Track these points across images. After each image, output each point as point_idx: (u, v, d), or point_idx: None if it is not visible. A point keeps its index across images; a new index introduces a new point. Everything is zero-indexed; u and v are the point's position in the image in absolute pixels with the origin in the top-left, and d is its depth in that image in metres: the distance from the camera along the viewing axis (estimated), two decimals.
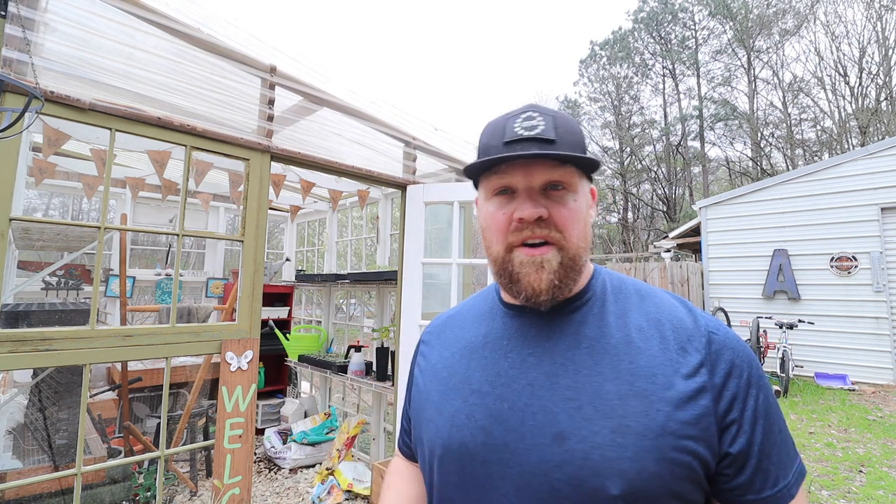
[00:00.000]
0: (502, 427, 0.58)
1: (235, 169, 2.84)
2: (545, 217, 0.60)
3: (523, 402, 0.58)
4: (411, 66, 58.62)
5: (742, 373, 0.57)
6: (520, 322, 0.66)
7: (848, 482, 3.35)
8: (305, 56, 2.18)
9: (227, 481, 1.82)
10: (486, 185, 0.65)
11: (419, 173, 2.85)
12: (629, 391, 0.55)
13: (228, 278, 5.07)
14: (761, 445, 0.55)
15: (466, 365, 0.67)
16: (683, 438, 0.53)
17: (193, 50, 1.90)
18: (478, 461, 0.59)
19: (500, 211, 0.63)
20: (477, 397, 0.62)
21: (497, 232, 0.63)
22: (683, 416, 0.53)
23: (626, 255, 14.12)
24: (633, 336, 0.59)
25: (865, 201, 6.55)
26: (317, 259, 5.44)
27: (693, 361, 0.57)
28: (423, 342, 0.79)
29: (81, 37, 1.66)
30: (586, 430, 0.54)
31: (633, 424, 0.53)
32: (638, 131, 22.72)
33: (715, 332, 0.59)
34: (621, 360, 0.58)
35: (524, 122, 0.60)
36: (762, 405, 0.56)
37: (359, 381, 3.17)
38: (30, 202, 12.56)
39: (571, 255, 0.61)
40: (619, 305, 0.64)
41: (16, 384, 2.88)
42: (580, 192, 0.63)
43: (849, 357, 6.51)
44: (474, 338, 0.69)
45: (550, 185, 0.61)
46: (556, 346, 0.61)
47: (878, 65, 16.05)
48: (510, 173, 0.61)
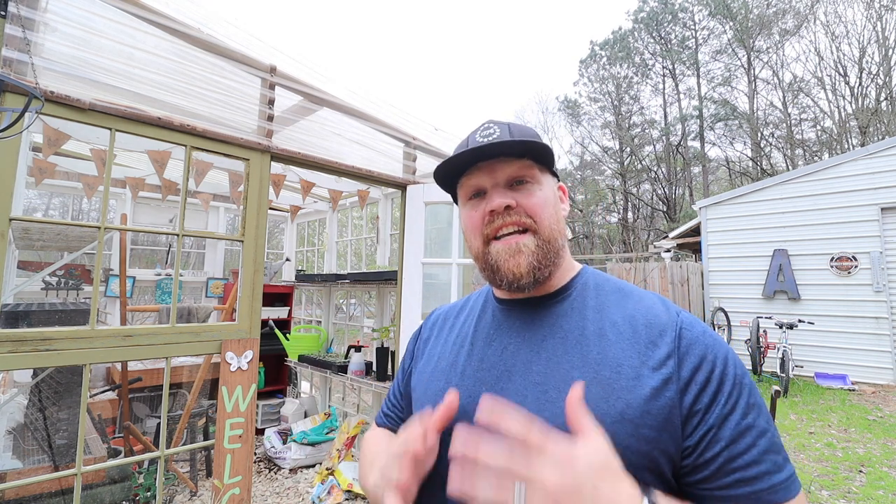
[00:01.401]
0: (477, 407, 0.61)
1: (235, 169, 2.84)
2: (513, 206, 0.65)
3: (500, 386, 0.63)
4: (411, 66, 58.67)
5: (713, 368, 0.56)
6: (507, 314, 0.71)
7: (848, 482, 3.35)
8: (306, 56, 2.19)
9: (227, 481, 1.82)
10: (461, 193, 0.72)
11: (419, 173, 2.85)
12: (593, 378, 0.58)
13: (228, 278, 5.07)
14: (730, 442, 0.53)
15: (456, 351, 0.72)
16: (642, 427, 0.54)
17: (193, 50, 1.90)
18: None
19: (474, 211, 0.69)
20: (459, 380, 0.68)
21: (474, 229, 0.69)
22: (645, 406, 0.55)
23: (626, 255, 14.12)
24: (606, 329, 0.62)
25: (865, 201, 6.55)
26: (317, 259, 5.44)
27: (661, 354, 0.58)
28: (425, 326, 0.86)
29: (81, 37, 1.66)
30: (549, 411, 0.58)
31: (592, 410, 0.55)
32: (638, 131, 22.72)
33: (688, 328, 0.60)
34: (591, 350, 0.61)
35: (482, 132, 0.68)
36: (735, 401, 0.55)
37: (359, 381, 3.17)
38: (30, 202, 12.56)
39: (546, 237, 0.66)
40: (599, 301, 0.67)
41: (16, 384, 2.88)
42: (544, 183, 0.69)
43: (849, 357, 6.51)
44: (466, 328, 0.75)
45: (515, 181, 0.67)
46: (534, 336, 0.66)
47: (878, 65, 16.06)
48: (476, 175, 0.68)
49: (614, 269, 8.35)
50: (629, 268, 8.19)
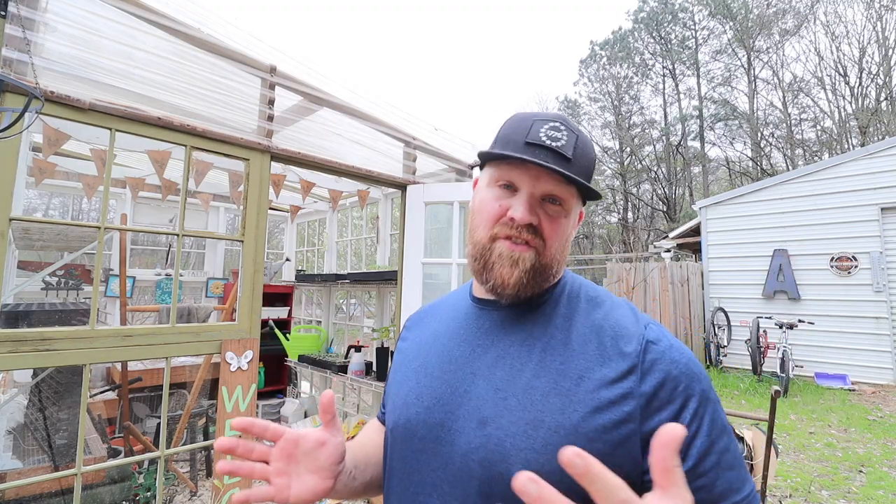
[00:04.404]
0: (442, 409, 0.63)
1: (235, 169, 2.84)
2: (535, 224, 0.63)
3: (464, 389, 0.63)
4: (411, 66, 58.67)
5: (678, 384, 0.55)
6: (480, 315, 0.71)
7: (848, 482, 3.35)
8: (306, 56, 2.19)
9: (227, 481, 1.82)
10: (492, 174, 0.67)
11: (419, 173, 2.85)
12: (553, 389, 0.58)
13: (228, 278, 5.07)
14: (694, 464, 0.52)
15: (427, 351, 0.72)
16: (595, 441, 0.53)
17: (193, 50, 1.90)
18: (418, 437, 0.64)
19: (496, 201, 0.65)
20: (428, 380, 0.68)
21: (486, 219, 0.66)
22: (600, 419, 0.54)
23: (626, 255, 14.12)
24: (572, 339, 0.62)
25: (865, 201, 6.55)
26: (317, 259, 5.44)
27: (622, 367, 0.57)
28: (406, 327, 0.85)
29: (81, 37, 1.66)
30: (506, 419, 0.58)
31: (547, 420, 0.55)
32: (638, 131, 22.72)
33: (655, 342, 0.59)
34: (554, 359, 0.60)
35: (549, 131, 0.62)
36: (700, 421, 0.54)
37: (359, 381, 3.17)
38: (30, 202, 12.56)
39: (545, 262, 0.64)
40: (570, 309, 0.66)
41: (16, 384, 2.88)
42: (572, 211, 0.66)
43: (849, 357, 6.51)
44: (441, 327, 0.75)
45: (550, 198, 0.64)
46: (502, 341, 0.65)
47: (878, 65, 16.06)
48: (519, 172, 0.63)
49: (614, 270, 8.35)
50: (629, 268, 8.18)
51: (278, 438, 0.62)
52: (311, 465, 0.62)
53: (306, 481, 0.61)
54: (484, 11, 50.20)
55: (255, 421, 0.60)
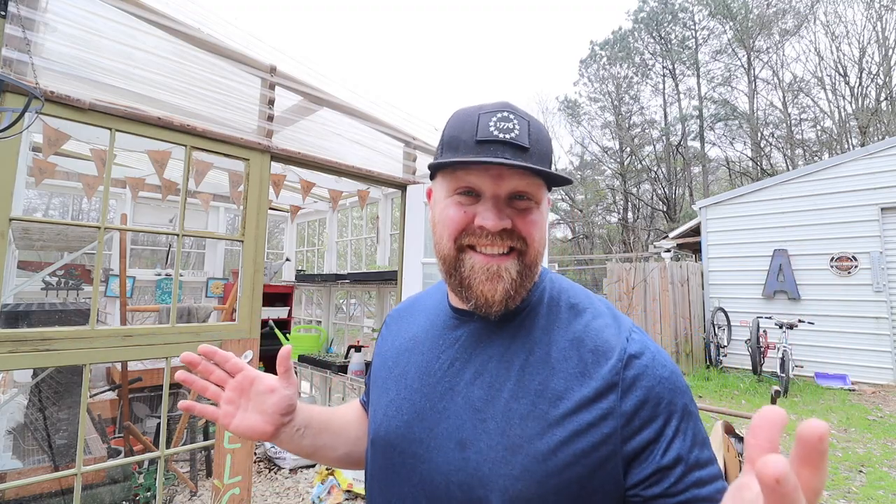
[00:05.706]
0: (421, 424, 0.62)
1: (235, 169, 2.84)
2: (509, 228, 0.58)
3: (442, 405, 0.61)
4: (412, 66, 58.67)
5: (660, 401, 0.54)
6: (457, 324, 0.67)
7: (848, 482, 3.35)
8: (306, 56, 2.18)
9: (227, 481, 1.82)
10: (448, 183, 0.61)
11: (419, 173, 2.85)
12: (531, 412, 0.56)
13: (228, 278, 5.07)
14: (678, 480, 0.51)
15: (407, 358, 0.70)
16: (574, 465, 0.52)
17: (193, 50, 1.90)
18: (397, 451, 0.63)
19: (458, 210, 0.60)
20: (408, 392, 0.66)
21: (451, 229, 0.60)
22: (579, 444, 0.53)
23: (626, 255, 14.11)
24: (552, 355, 0.59)
25: (865, 201, 6.55)
26: (317, 259, 5.44)
27: (602, 385, 0.55)
28: (385, 325, 0.82)
29: (81, 37, 1.66)
30: (484, 442, 0.56)
31: (525, 445, 0.54)
32: (638, 131, 22.72)
33: (637, 356, 0.56)
34: (533, 379, 0.57)
35: (499, 123, 0.57)
36: (682, 437, 0.53)
37: (359, 380, 3.17)
38: (30, 202, 12.56)
39: (529, 262, 0.60)
40: (549, 320, 0.62)
41: (16, 384, 2.88)
42: (543, 203, 0.62)
43: (849, 357, 6.51)
44: (420, 332, 0.71)
45: (516, 195, 0.59)
46: (480, 356, 0.62)
47: (878, 65, 16.06)
48: (478, 175, 0.58)
49: (614, 270, 8.35)
50: (629, 268, 8.18)
51: (237, 372, 0.67)
52: (259, 406, 0.65)
53: (249, 418, 0.65)
54: (484, 11, 50.18)
55: (218, 350, 0.66)
